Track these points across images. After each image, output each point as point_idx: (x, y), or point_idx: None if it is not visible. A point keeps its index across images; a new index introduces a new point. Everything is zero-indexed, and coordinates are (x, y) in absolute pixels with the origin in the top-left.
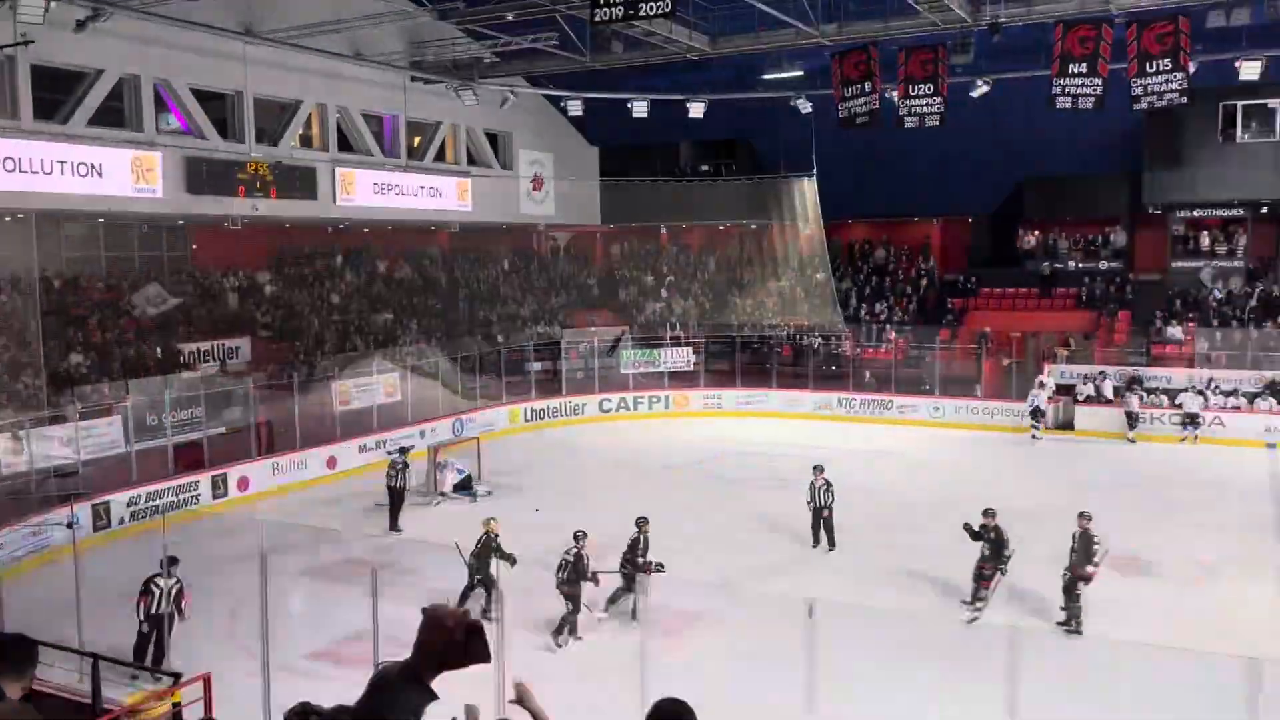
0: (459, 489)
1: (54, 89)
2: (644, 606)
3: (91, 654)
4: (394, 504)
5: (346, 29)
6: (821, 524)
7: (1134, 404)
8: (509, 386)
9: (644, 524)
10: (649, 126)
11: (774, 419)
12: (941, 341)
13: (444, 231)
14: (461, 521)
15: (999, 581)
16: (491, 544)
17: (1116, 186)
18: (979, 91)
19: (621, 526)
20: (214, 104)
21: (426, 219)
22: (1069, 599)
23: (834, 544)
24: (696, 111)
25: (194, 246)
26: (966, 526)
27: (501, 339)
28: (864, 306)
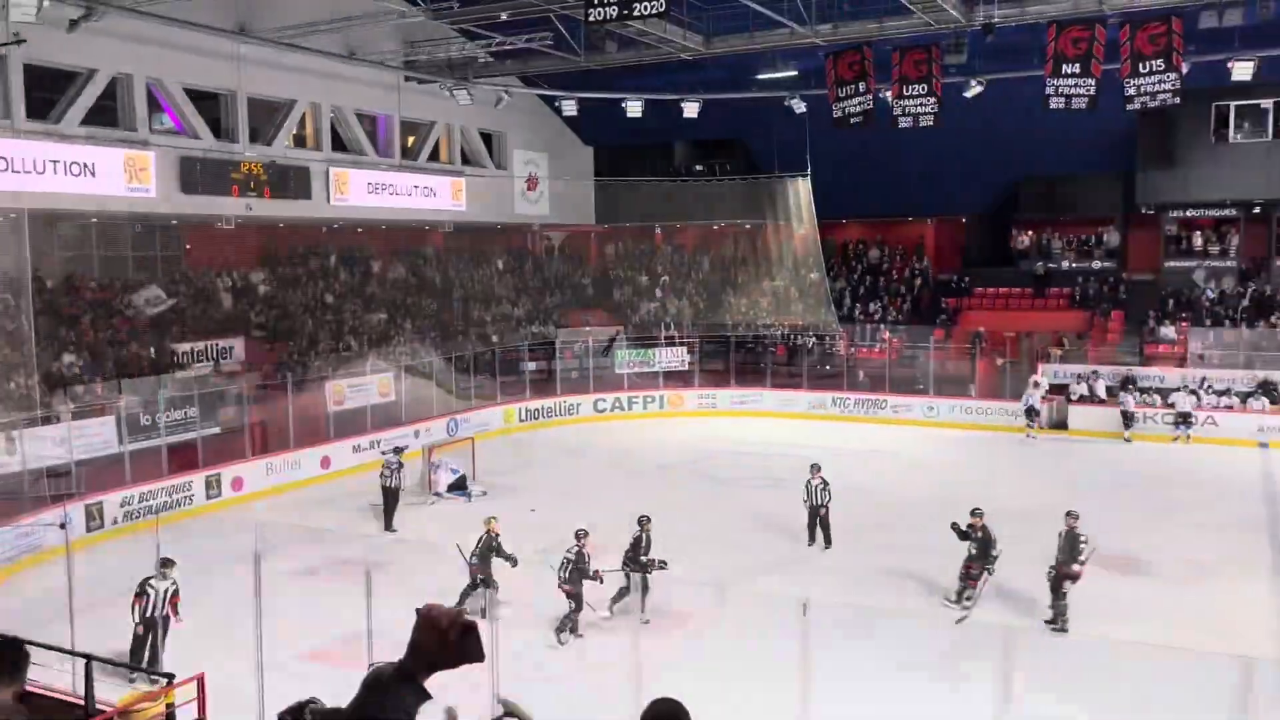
0: (453, 489)
1: (47, 88)
2: (648, 605)
3: (85, 655)
4: (388, 504)
5: (340, 28)
6: (818, 522)
7: (1129, 404)
8: (503, 386)
9: (646, 522)
10: (644, 126)
11: (768, 418)
12: (935, 341)
13: (438, 231)
14: (456, 522)
15: (986, 581)
16: (493, 544)
17: (1110, 187)
18: (973, 92)
19: (616, 526)
20: (207, 103)
21: (421, 219)
22: (1055, 597)
23: (830, 542)
24: (691, 111)
25: (187, 246)
26: (954, 526)
27: (496, 339)
28: (858, 306)
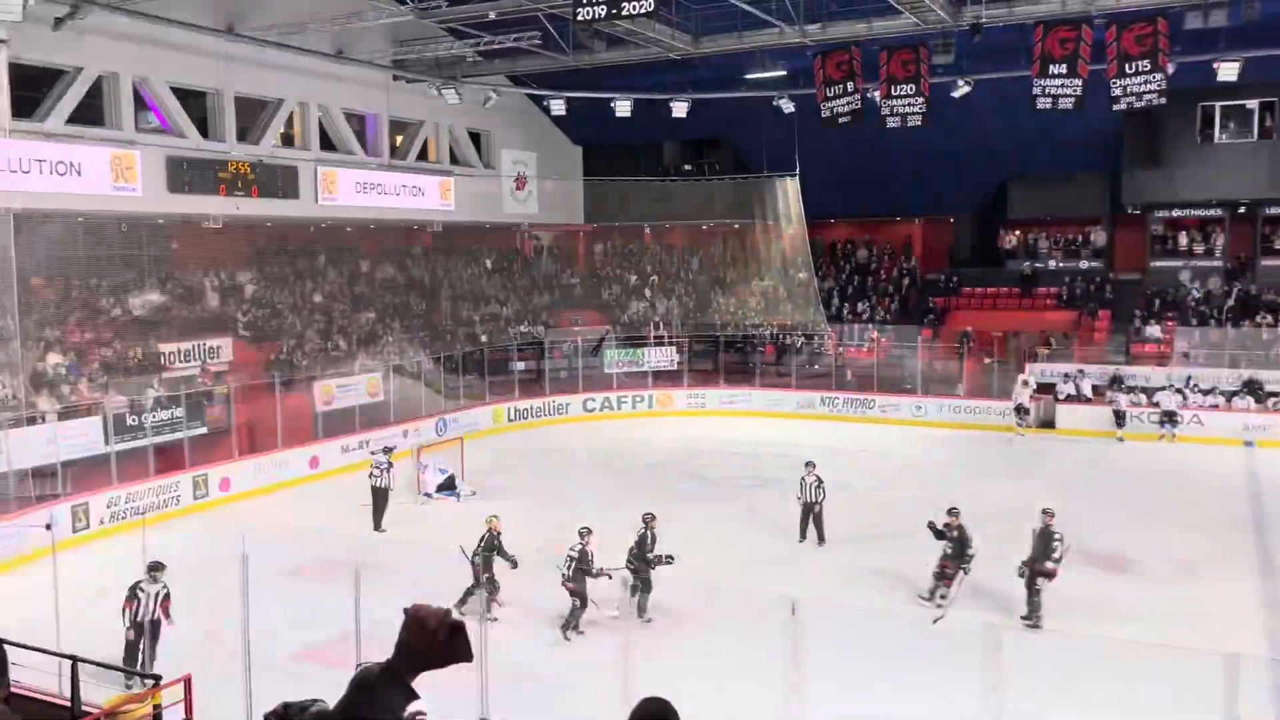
0: (442, 489)
1: (32, 87)
2: (651, 604)
3: (70, 656)
4: (378, 504)
5: (328, 28)
6: (812, 519)
7: (1122, 403)
8: (492, 386)
9: (651, 520)
10: (632, 126)
11: (757, 418)
12: (924, 341)
13: (427, 231)
14: (446, 522)
15: (962, 581)
16: (494, 542)
17: (1096, 187)
18: (960, 92)
19: (606, 525)
20: (194, 102)
21: (409, 218)
22: (1030, 594)
23: (823, 539)
24: (680, 111)
25: (174, 246)
26: (931, 525)
27: (485, 338)
28: (846, 306)
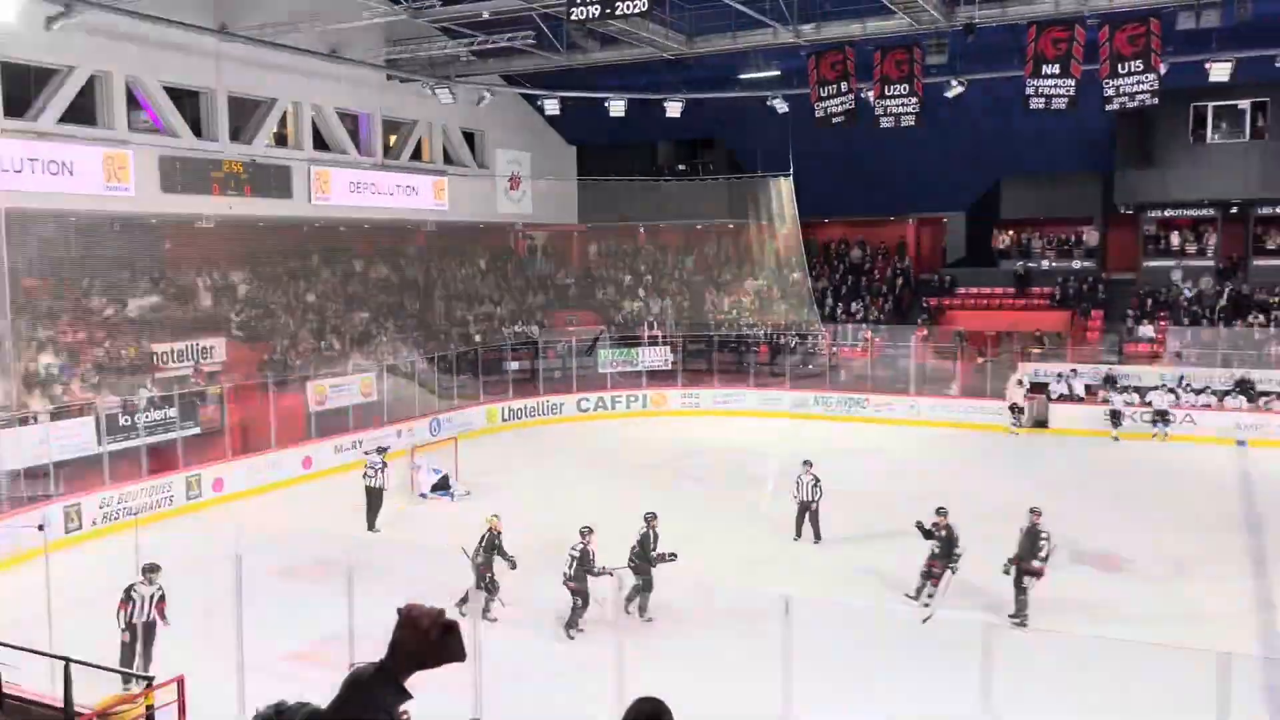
0: (437, 489)
1: (24, 86)
2: (651, 603)
3: (63, 657)
4: (372, 504)
5: (322, 27)
6: (808, 518)
7: (1118, 403)
8: (486, 386)
9: (652, 519)
10: (626, 126)
11: (751, 418)
12: (918, 339)
13: (420, 231)
14: (440, 522)
15: (949, 580)
16: (495, 542)
17: (1089, 187)
18: (954, 92)
19: (601, 525)
20: (187, 102)
21: (403, 218)
22: (1018, 592)
23: (819, 537)
24: (674, 111)
25: (167, 246)
26: (919, 525)
27: (479, 338)
28: (840, 306)
